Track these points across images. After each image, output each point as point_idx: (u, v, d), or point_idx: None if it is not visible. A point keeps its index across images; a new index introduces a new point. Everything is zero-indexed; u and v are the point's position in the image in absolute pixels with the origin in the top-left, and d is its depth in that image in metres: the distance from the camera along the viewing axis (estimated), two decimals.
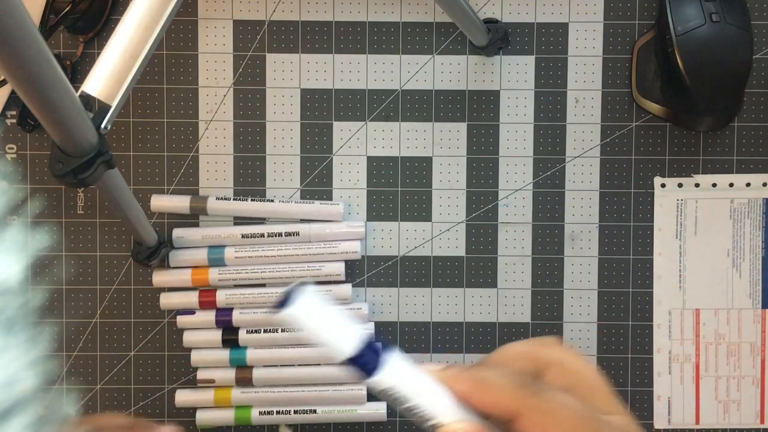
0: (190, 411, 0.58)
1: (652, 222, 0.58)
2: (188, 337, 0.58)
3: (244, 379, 0.57)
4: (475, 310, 0.59)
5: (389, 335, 0.59)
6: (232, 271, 0.57)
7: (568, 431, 0.26)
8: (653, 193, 0.58)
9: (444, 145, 0.58)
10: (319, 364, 0.57)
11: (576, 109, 0.58)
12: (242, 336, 0.57)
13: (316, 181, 0.59)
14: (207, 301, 0.57)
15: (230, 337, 0.57)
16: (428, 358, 0.59)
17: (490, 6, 0.58)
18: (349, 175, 0.59)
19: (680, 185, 0.58)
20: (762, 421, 0.58)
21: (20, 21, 0.28)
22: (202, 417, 0.58)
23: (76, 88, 0.37)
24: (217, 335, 0.57)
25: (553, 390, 0.28)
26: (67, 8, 0.54)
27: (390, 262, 0.59)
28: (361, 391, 0.57)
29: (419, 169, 0.59)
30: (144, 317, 0.59)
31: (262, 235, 0.57)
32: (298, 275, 0.57)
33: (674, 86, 0.55)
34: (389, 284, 0.59)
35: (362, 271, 0.59)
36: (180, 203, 0.58)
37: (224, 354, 0.57)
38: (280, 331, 0.57)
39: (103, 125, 0.39)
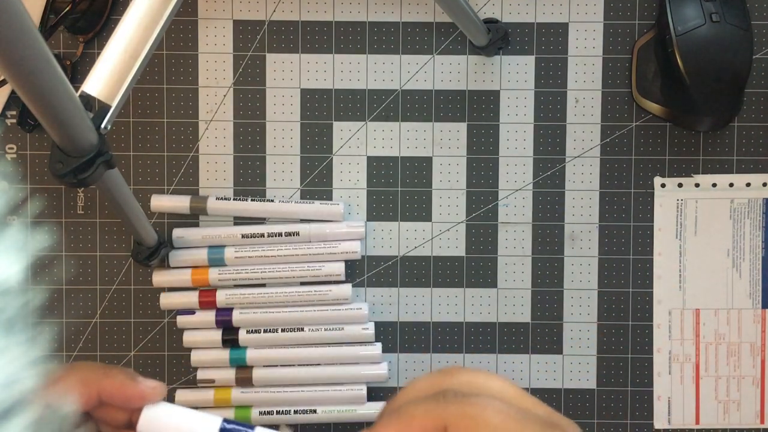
0: None
1: (652, 222, 0.58)
2: (188, 337, 0.58)
3: (244, 379, 0.57)
4: (475, 310, 0.59)
5: (389, 335, 0.59)
6: (232, 271, 0.57)
7: (497, 429, 0.27)
8: (653, 193, 0.58)
9: (444, 145, 0.58)
10: (319, 364, 0.57)
11: (576, 109, 0.58)
12: (242, 336, 0.57)
13: (316, 181, 0.59)
14: (207, 301, 0.57)
15: (230, 337, 0.57)
16: (428, 358, 0.59)
17: (490, 6, 0.58)
18: (349, 175, 0.59)
19: (680, 185, 0.58)
20: (762, 421, 0.58)
21: (20, 21, 0.28)
22: None
23: (76, 88, 0.37)
24: (217, 335, 0.57)
25: (473, 395, 0.28)
26: (67, 8, 0.54)
27: (390, 262, 0.59)
28: (361, 391, 0.57)
29: (419, 169, 0.59)
30: (144, 317, 0.59)
31: (262, 235, 0.57)
32: (298, 275, 0.57)
33: (674, 86, 0.55)
34: (389, 284, 0.59)
35: (362, 271, 0.59)
36: (180, 203, 0.58)
37: (224, 354, 0.57)
38: (280, 331, 0.57)
39: (103, 125, 0.39)
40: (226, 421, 0.29)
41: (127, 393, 0.31)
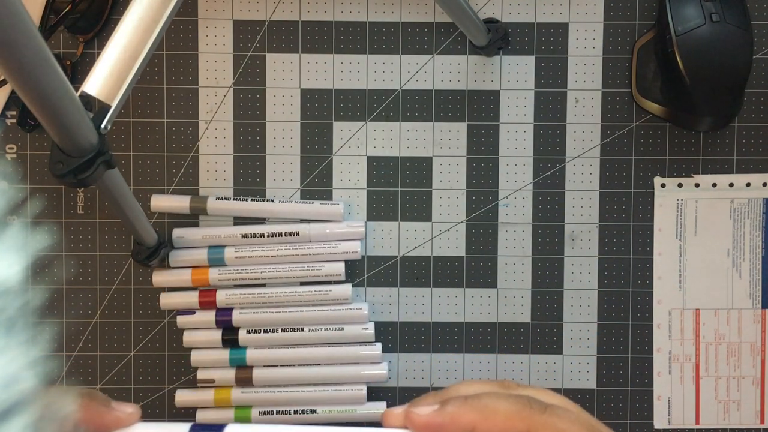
0: (190, 411, 0.58)
1: (652, 222, 0.58)
2: (188, 337, 0.58)
3: (244, 379, 0.57)
4: (475, 310, 0.59)
5: (389, 335, 0.59)
6: (232, 271, 0.57)
7: None
8: (653, 193, 0.58)
9: (444, 145, 0.58)
10: (319, 364, 0.57)
11: (576, 109, 0.58)
12: (242, 336, 0.57)
13: (316, 181, 0.59)
14: (207, 301, 0.57)
15: (230, 337, 0.57)
16: (428, 358, 0.59)
17: (490, 6, 0.58)
18: (349, 175, 0.59)
19: (680, 185, 0.58)
20: (762, 421, 0.58)
21: (20, 21, 0.28)
22: (202, 417, 0.58)
23: (76, 88, 0.37)
24: (217, 335, 0.57)
25: (557, 406, 0.29)
26: (67, 8, 0.54)
27: (390, 262, 0.59)
28: (361, 391, 0.57)
29: (419, 169, 0.59)
30: (144, 317, 0.59)
31: (262, 235, 0.57)
32: (298, 275, 0.57)
33: (674, 86, 0.55)
34: (389, 284, 0.59)
35: (362, 271, 0.59)
36: (180, 203, 0.58)
37: (224, 354, 0.57)
38: (280, 331, 0.57)
39: (103, 125, 0.39)
40: (194, 426, 0.30)
41: (104, 421, 0.31)
